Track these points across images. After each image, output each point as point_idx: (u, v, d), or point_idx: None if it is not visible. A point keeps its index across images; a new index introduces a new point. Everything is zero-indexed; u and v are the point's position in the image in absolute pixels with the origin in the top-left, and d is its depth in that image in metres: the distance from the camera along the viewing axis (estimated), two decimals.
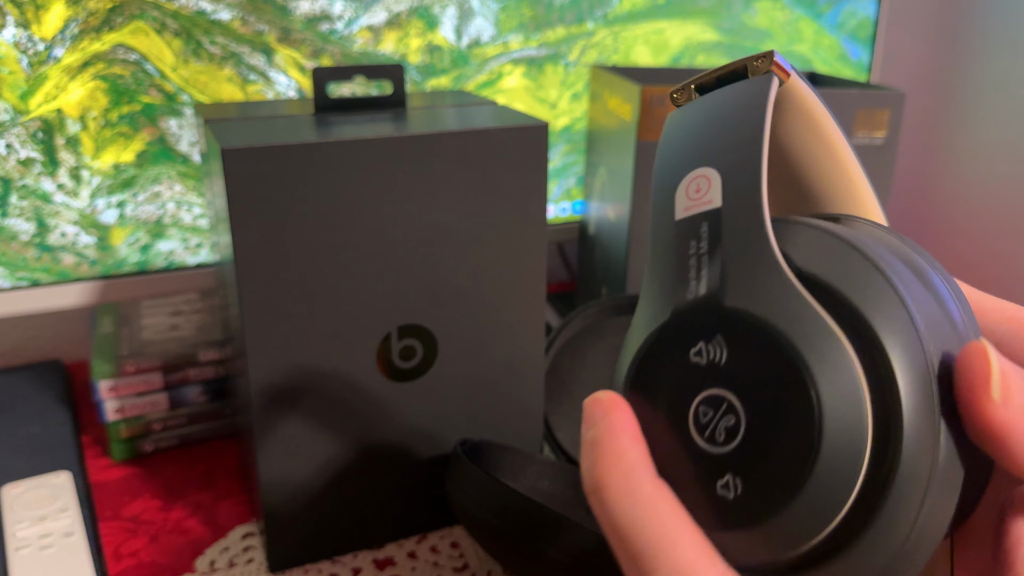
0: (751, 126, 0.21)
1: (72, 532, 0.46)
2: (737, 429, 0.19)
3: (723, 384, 0.20)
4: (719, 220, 0.21)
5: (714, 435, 0.20)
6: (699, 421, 0.20)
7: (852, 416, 0.18)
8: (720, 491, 0.20)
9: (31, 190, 0.56)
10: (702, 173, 0.21)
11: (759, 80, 0.22)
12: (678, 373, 0.21)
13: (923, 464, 0.18)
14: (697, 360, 0.20)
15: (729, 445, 0.20)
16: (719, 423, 0.20)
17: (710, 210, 0.21)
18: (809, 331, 0.19)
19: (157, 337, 0.58)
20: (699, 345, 0.20)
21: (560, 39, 0.67)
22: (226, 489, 0.53)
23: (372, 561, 0.47)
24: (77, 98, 0.56)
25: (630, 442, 0.20)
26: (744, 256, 0.20)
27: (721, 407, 0.20)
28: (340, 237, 0.41)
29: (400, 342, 0.44)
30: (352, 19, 0.61)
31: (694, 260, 0.21)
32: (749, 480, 0.19)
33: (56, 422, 0.58)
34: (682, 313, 0.21)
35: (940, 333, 0.19)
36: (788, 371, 0.19)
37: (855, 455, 0.18)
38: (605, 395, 0.22)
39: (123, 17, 0.55)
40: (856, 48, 0.79)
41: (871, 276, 0.19)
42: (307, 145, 0.39)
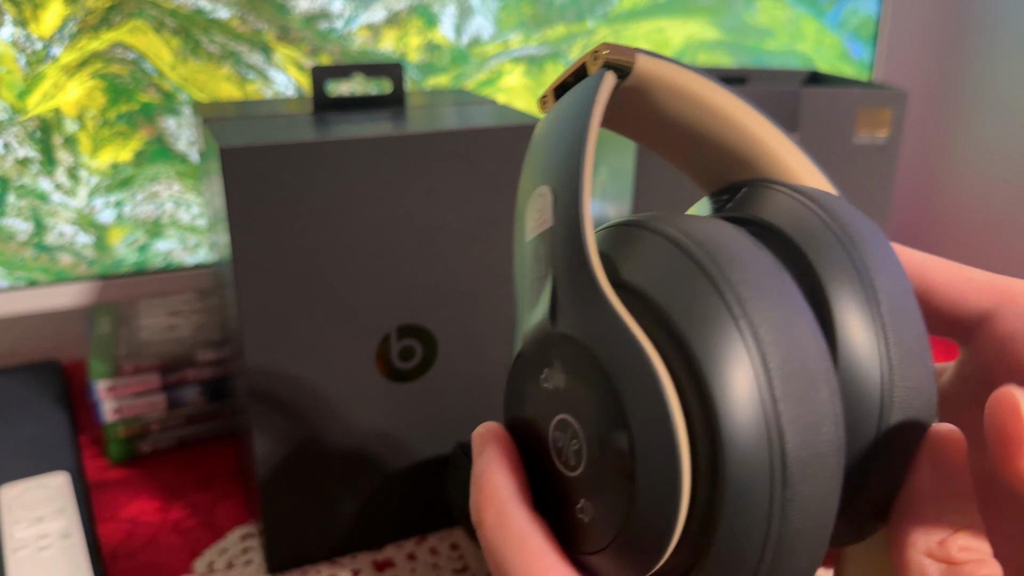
0: (576, 137, 0.20)
1: (70, 533, 0.46)
2: (581, 453, 0.19)
3: (566, 409, 0.20)
4: (552, 240, 0.20)
5: (568, 459, 0.20)
6: (556, 446, 0.20)
7: (664, 450, 0.17)
8: (579, 515, 0.20)
9: (29, 189, 0.56)
10: (541, 191, 0.21)
11: (592, 79, 0.21)
12: (536, 400, 0.21)
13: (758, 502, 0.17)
14: (546, 386, 0.20)
15: (578, 469, 0.19)
16: (570, 447, 0.20)
17: (546, 230, 0.20)
18: (623, 359, 0.18)
19: (155, 337, 0.57)
20: (545, 371, 0.20)
21: (560, 37, 0.67)
22: (224, 490, 0.53)
23: (371, 562, 0.47)
24: (75, 97, 0.56)
25: (503, 477, 0.21)
26: (568, 278, 0.19)
27: (568, 431, 0.20)
28: (339, 237, 0.41)
29: (399, 342, 0.44)
30: (351, 17, 0.60)
31: (536, 285, 0.21)
32: (595, 504, 0.19)
33: (53, 423, 0.58)
34: (528, 342, 0.21)
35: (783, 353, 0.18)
36: (607, 399, 0.18)
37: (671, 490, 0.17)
38: (484, 427, 0.22)
39: (121, 16, 0.55)
40: (858, 47, 0.78)
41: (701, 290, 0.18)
42: (306, 144, 0.39)
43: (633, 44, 0.70)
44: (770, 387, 0.17)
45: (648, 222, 0.20)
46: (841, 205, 0.23)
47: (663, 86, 0.22)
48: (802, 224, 0.22)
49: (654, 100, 0.23)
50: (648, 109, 0.23)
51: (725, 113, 0.24)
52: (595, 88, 0.20)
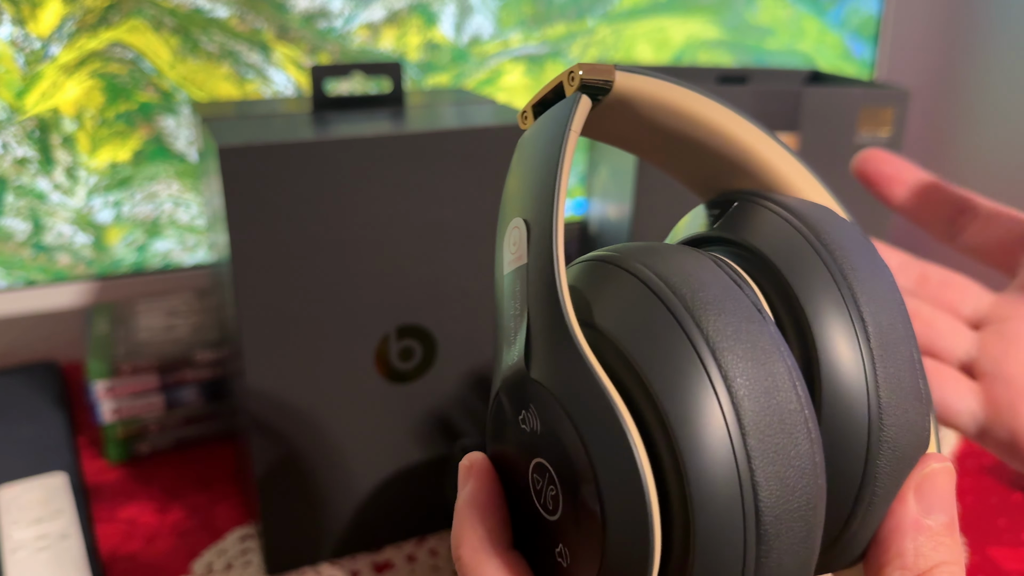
0: (548, 168, 0.19)
1: (68, 534, 0.46)
2: (558, 500, 0.19)
3: (542, 454, 0.19)
4: (526, 279, 0.19)
5: (547, 503, 0.19)
6: (535, 488, 0.20)
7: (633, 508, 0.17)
8: (558, 558, 0.19)
9: (27, 189, 0.56)
10: (516, 224, 0.20)
11: (566, 103, 0.20)
12: (514, 439, 0.20)
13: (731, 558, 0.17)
14: (524, 427, 0.20)
15: (556, 514, 0.19)
16: (547, 492, 0.19)
17: (520, 267, 0.20)
18: (592, 413, 0.17)
19: (153, 338, 0.57)
20: (522, 413, 0.20)
21: (561, 36, 0.67)
22: (223, 491, 0.53)
23: (371, 563, 0.47)
24: (73, 96, 0.55)
25: (481, 515, 0.21)
26: (541, 322, 0.19)
27: (545, 476, 0.19)
28: (338, 236, 0.41)
29: (399, 343, 0.44)
30: (351, 16, 0.60)
31: (513, 323, 0.20)
32: (572, 551, 0.19)
33: (51, 423, 0.58)
34: (506, 380, 0.20)
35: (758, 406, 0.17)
36: (577, 452, 0.18)
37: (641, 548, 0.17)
38: (470, 459, 0.22)
39: (120, 15, 0.55)
40: (860, 46, 0.78)
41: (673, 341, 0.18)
42: (305, 144, 0.39)
43: (633, 43, 0.70)
44: (744, 443, 0.17)
45: (623, 260, 0.20)
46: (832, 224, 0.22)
47: (645, 101, 0.22)
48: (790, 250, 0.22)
49: (639, 113, 0.22)
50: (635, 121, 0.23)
51: (711, 123, 0.23)
52: (568, 114, 0.20)
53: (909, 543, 0.20)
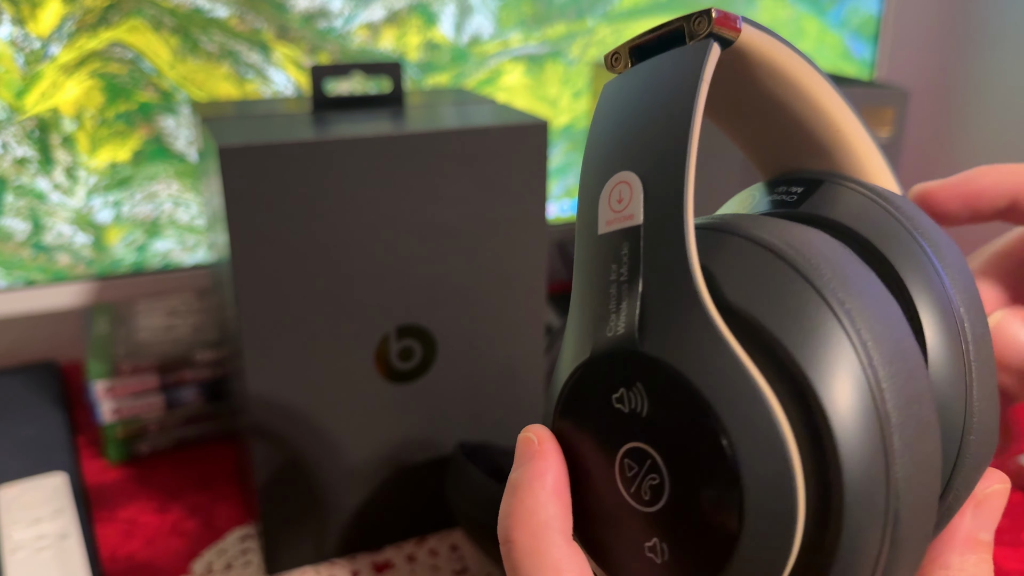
0: (677, 119, 0.17)
1: (68, 534, 0.46)
2: (662, 490, 0.17)
3: (645, 438, 0.17)
4: (639, 241, 0.17)
5: (640, 492, 0.18)
6: (625, 474, 0.18)
7: (779, 495, 0.15)
8: (648, 553, 0.18)
9: (27, 189, 0.56)
10: (624, 178, 0.18)
11: (693, 50, 0.18)
12: (603, 418, 0.18)
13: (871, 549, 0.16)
14: (619, 407, 0.18)
15: (655, 505, 0.17)
16: (643, 480, 0.17)
17: (631, 227, 0.17)
18: (731, 393, 0.16)
19: (153, 338, 0.57)
20: (620, 391, 0.18)
21: (561, 36, 0.67)
22: (223, 491, 0.53)
23: (370, 563, 0.46)
24: (73, 96, 0.55)
25: (547, 497, 0.19)
26: (664, 292, 0.17)
27: (645, 463, 0.17)
28: (338, 236, 0.40)
29: (399, 343, 0.44)
30: (350, 16, 0.60)
31: (614, 289, 0.18)
32: (674, 548, 0.17)
33: (51, 423, 0.58)
34: (602, 353, 0.18)
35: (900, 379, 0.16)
36: (707, 438, 0.16)
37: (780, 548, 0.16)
38: (536, 434, 0.20)
39: (119, 14, 0.55)
40: (859, 46, 0.78)
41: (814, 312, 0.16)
42: (305, 144, 0.39)
43: None
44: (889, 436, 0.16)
45: (740, 229, 0.18)
46: (923, 217, 0.21)
47: (759, 62, 0.20)
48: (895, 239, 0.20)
49: (744, 75, 0.20)
50: (733, 83, 0.21)
51: (814, 98, 0.21)
52: (700, 63, 0.17)
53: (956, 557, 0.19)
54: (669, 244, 0.17)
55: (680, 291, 0.17)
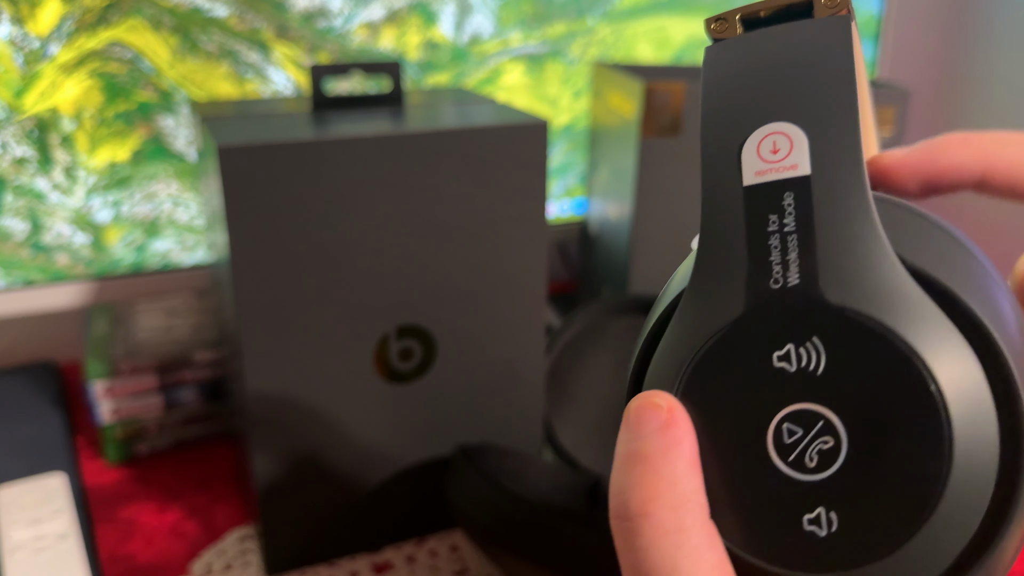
0: (839, 76, 0.17)
1: (67, 535, 0.46)
2: (836, 453, 0.16)
3: (818, 398, 0.16)
4: (809, 191, 0.17)
5: (803, 459, 0.17)
6: (782, 441, 0.17)
7: (984, 441, 0.16)
8: (807, 527, 0.17)
9: (26, 189, 0.56)
10: (779, 129, 0.17)
11: (835, 21, 0.18)
12: (755, 381, 0.17)
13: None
14: (783, 366, 0.17)
15: (824, 472, 0.16)
16: (811, 445, 0.17)
17: (796, 177, 0.17)
18: (935, 341, 0.16)
19: (152, 338, 0.57)
20: (787, 347, 0.17)
21: (561, 36, 0.67)
22: (222, 491, 0.53)
23: (370, 564, 0.46)
24: (72, 96, 0.55)
25: (687, 469, 0.17)
26: (849, 241, 0.16)
27: (815, 426, 0.17)
28: (337, 236, 0.40)
29: (398, 343, 0.44)
30: (350, 15, 0.60)
31: (776, 240, 0.17)
32: (849, 516, 0.16)
33: (50, 424, 0.58)
34: (763, 307, 0.17)
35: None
36: (911, 387, 0.16)
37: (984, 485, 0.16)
38: (664, 400, 0.18)
39: (119, 14, 0.55)
40: (861, 45, 0.78)
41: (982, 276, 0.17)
42: (304, 143, 0.38)
43: (634, 42, 0.69)
44: None
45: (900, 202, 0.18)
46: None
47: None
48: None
49: None
50: None
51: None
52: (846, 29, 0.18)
53: None
54: (848, 194, 0.17)
55: (865, 241, 0.16)
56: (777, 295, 0.17)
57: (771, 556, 0.17)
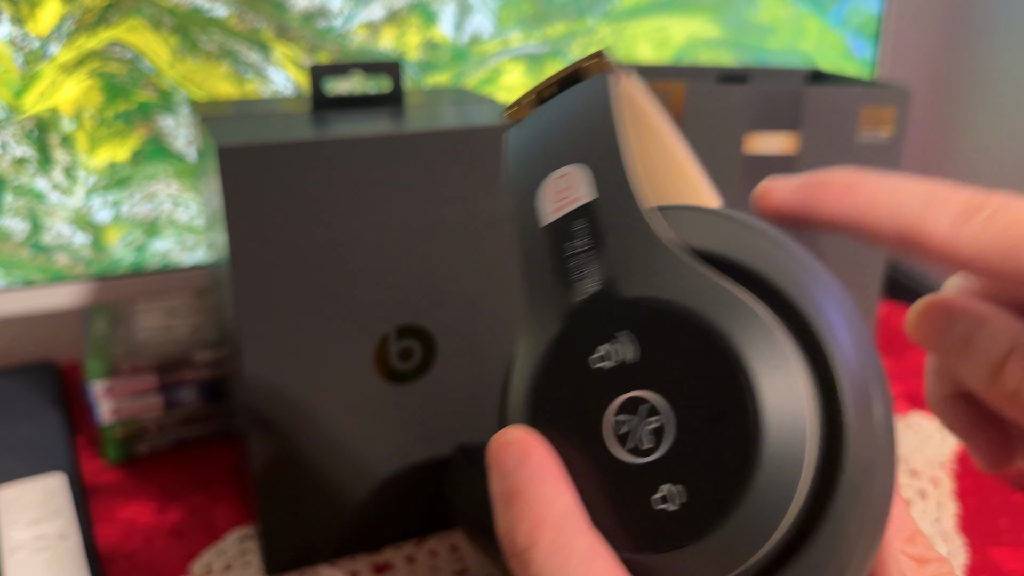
0: (604, 117, 0.20)
1: (67, 535, 0.46)
2: (663, 430, 0.18)
3: (638, 384, 0.18)
4: (597, 211, 0.19)
5: (639, 444, 0.18)
6: (618, 433, 0.18)
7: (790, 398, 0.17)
8: (659, 506, 0.18)
9: (26, 189, 0.56)
10: (564, 172, 0.20)
11: (598, 79, 0.21)
12: (583, 387, 0.19)
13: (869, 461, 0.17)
14: (602, 365, 0.18)
15: (660, 450, 0.18)
16: (642, 429, 0.18)
17: (583, 205, 0.19)
18: (727, 308, 0.17)
19: (152, 338, 0.57)
20: (601, 348, 0.19)
21: (561, 36, 0.67)
22: (222, 491, 0.53)
23: (370, 564, 0.46)
24: (72, 96, 0.55)
25: (556, 489, 0.18)
26: (630, 241, 0.19)
27: (641, 410, 0.18)
28: (337, 236, 0.40)
29: (398, 343, 0.44)
30: (350, 15, 0.60)
31: (575, 261, 0.19)
32: (690, 484, 0.17)
33: (49, 424, 0.58)
34: (573, 320, 0.19)
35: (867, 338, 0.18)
36: (713, 356, 0.17)
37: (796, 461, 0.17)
38: (516, 434, 0.19)
39: (119, 14, 0.55)
40: (861, 45, 0.78)
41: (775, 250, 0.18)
42: (304, 143, 0.38)
43: (634, 42, 0.69)
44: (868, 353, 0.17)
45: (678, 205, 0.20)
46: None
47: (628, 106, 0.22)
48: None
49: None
50: None
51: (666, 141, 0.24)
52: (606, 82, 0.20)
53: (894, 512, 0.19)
54: (626, 205, 0.19)
55: (648, 237, 0.18)
56: (583, 306, 0.19)
57: (642, 545, 0.18)
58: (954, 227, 0.20)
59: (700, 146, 0.52)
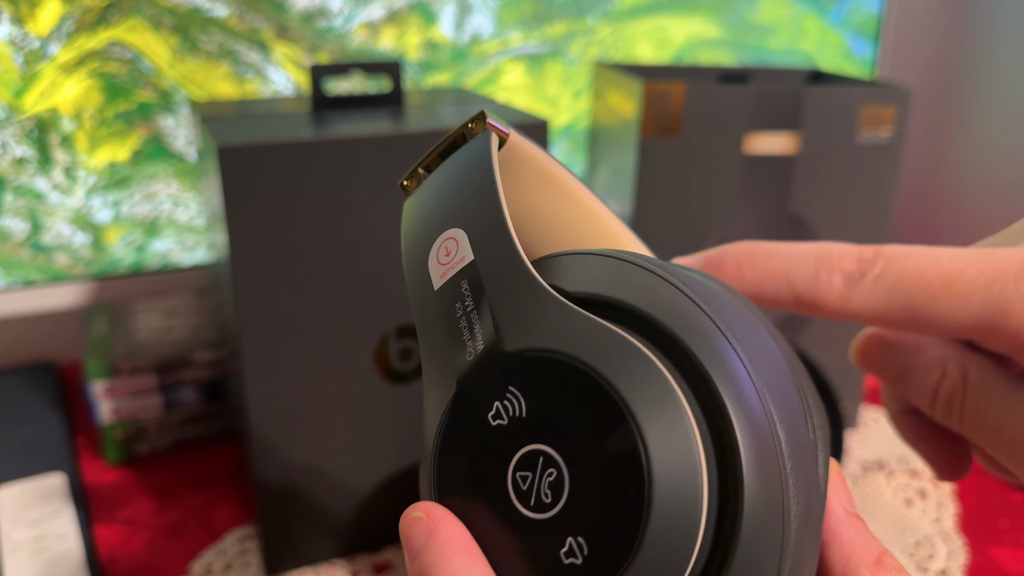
0: (481, 177, 0.20)
1: (66, 535, 0.46)
2: (562, 481, 0.17)
3: (531, 438, 0.17)
4: (476, 271, 0.19)
5: (541, 499, 0.17)
6: (520, 490, 0.18)
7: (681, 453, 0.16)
8: (567, 560, 0.17)
9: (25, 189, 0.56)
10: (447, 236, 0.20)
11: (477, 140, 0.21)
12: (484, 446, 0.18)
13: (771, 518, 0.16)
14: (499, 423, 0.18)
15: (559, 503, 0.17)
16: (541, 483, 0.17)
17: (465, 266, 0.19)
18: (605, 350, 0.17)
19: (152, 338, 0.57)
20: (495, 405, 0.18)
21: (561, 35, 0.67)
22: (222, 492, 0.53)
23: (370, 564, 0.46)
24: (72, 96, 0.55)
25: (466, 562, 0.18)
26: (510, 295, 0.18)
27: (537, 464, 0.17)
28: (337, 236, 0.40)
29: (398, 343, 0.44)
30: (350, 15, 0.60)
31: (464, 321, 0.19)
32: (589, 537, 0.17)
33: (49, 424, 0.58)
34: (466, 379, 0.19)
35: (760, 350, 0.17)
36: (596, 403, 0.17)
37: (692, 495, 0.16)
38: (423, 509, 0.19)
39: (119, 14, 0.55)
40: (861, 45, 0.78)
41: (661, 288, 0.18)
42: (304, 143, 0.38)
43: (634, 42, 0.69)
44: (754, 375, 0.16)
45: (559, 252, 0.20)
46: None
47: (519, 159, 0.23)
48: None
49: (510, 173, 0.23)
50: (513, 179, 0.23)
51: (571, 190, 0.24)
52: (486, 141, 0.21)
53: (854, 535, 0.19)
54: (503, 260, 0.19)
55: (524, 289, 0.18)
56: (473, 365, 0.19)
57: None
58: (845, 290, 0.21)
59: (700, 146, 0.52)
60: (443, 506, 0.19)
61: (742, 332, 0.17)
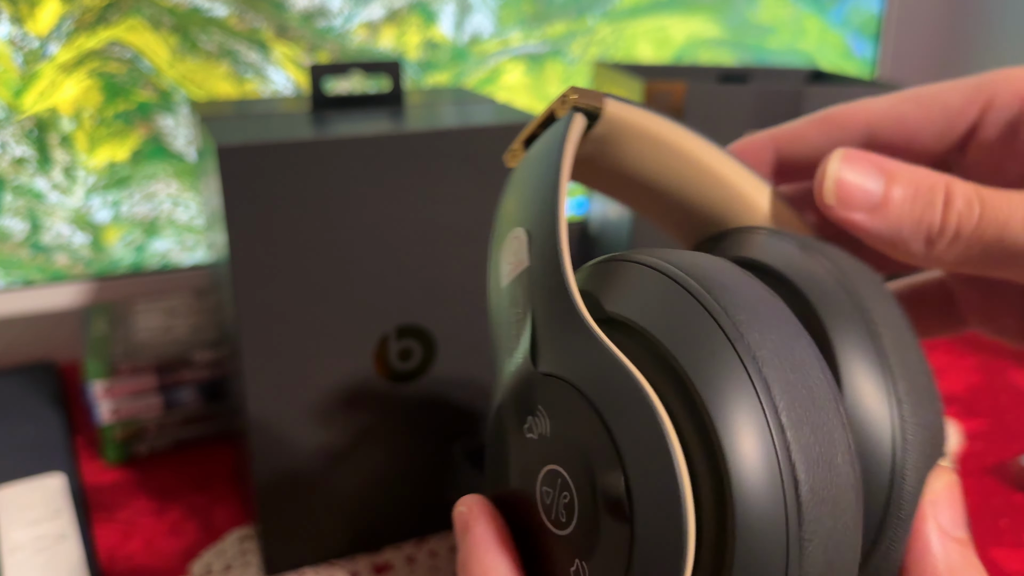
0: (547, 174, 0.19)
1: (66, 535, 0.46)
2: (573, 505, 0.17)
3: (553, 458, 0.18)
4: (529, 280, 0.19)
5: (559, 516, 0.18)
6: (545, 504, 0.18)
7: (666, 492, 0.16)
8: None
9: (25, 189, 0.56)
10: (515, 235, 0.20)
11: (556, 126, 0.20)
12: (520, 455, 0.19)
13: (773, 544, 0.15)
14: (531, 436, 0.18)
15: (571, 525, 0.17)
16: (559, 502, 0.18)
17: (522, 271, 0.19)
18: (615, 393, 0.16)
19: (152, 338, 0.57)
20: (528, 419, 0.18)
21: (561, 35, 0.67)
22: (222, 492, 0.52)
23: (370, 564, 0.46)
24: (72, 95, 0.55)
25: (495, 558, 0.19)
26: (548, 314, 0.18)
27: (557, 483, 0.18)
28: (337, 236, 0.40)
29: (398, 343, 0.43)
30: (350, 15, 0.60)
31: (515, 328, 0.19)
32: (591, 564, 0.17)
33: (49, 424, 0.58)
34: (510, 388, 0.19)
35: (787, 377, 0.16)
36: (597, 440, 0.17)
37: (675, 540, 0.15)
38: (465, 503, 0.20)
39: (118, 13, 0.55)
40: (861, 45, 0.78)
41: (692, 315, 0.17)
42: (304, 143, 0.38)
43: (634, 42, 0.69)
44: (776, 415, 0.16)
45: (629, 255, 0.19)
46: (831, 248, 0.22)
47: (633, 132, 0.22)
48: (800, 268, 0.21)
49: (624, 149, 0.22)
50: (619, 160, 0.23)
51: (699, 161, 0.23)
52: (564, 129, 0.20)
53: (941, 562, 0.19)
54: (548, 271, 0.18)
55: (559, 308, 0.18)
56: (515, 375, 0.19)
57: None
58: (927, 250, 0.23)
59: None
60: (485, 499, 0.20)
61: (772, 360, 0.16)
